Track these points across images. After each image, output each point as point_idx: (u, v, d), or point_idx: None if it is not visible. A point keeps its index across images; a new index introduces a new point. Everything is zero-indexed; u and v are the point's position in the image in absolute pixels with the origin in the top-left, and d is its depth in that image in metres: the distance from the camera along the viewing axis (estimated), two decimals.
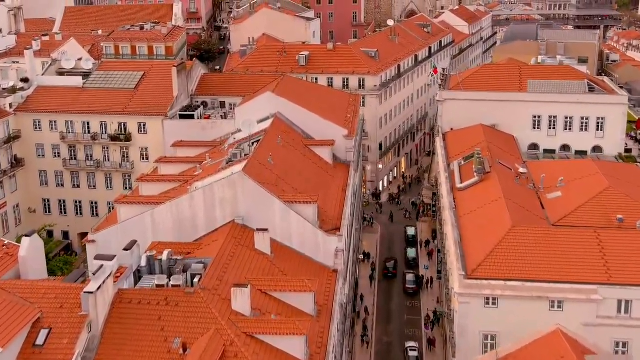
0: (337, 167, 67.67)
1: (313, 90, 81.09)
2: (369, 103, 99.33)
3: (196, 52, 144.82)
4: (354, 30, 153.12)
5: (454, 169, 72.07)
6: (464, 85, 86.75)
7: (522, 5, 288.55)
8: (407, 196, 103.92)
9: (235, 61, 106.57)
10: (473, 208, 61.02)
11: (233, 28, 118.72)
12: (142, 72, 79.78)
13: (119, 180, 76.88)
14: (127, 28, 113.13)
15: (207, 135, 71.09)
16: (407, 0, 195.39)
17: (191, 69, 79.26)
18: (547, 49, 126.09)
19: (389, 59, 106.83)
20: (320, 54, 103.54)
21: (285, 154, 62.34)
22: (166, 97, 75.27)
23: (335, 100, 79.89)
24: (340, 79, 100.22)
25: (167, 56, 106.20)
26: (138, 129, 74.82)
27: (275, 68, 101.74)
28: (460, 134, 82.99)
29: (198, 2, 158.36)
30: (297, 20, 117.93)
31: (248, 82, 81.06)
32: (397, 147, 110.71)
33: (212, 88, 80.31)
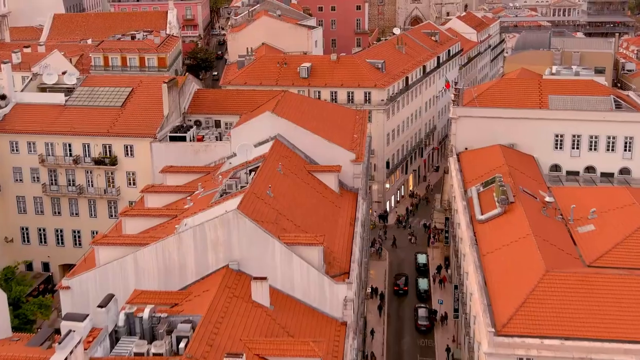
0: (344, 196, 61.09)
1: (316, 107, 74.44)
2: (376, 118, 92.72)
3: (192, 60, 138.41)
4: (357, 38, 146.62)
5: (472, 196, 65.43)
6: (479, 101, 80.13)
7: (527, 10, 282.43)
8: (416, 218, 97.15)
9: (233, 73, 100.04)
10: (497, 245, 54.31)
11: (230, 37, 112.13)
12: (130, 87, 73.15)
13: (104, 207, 70.17)
14: (117, 37, 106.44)
15: (199, 160, 64.50)
16: (411, 6, 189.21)
17: (183, 85, 72.59)
18: (562, 58, 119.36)
19: (396, 70, 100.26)
20: (323, 65, 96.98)
21: (286, 183, 55.74)
22: (155, 116, 68.64)
23: (341, 119, 73.28)
24: (344, 92, 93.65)
25: (160, 68, 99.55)
26: (124, 152, 68.15)
27: (275, 80, 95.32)
28: (476, 154, 76.41)
29: (194, 9, 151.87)
30: (298, 29, 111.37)
31: (246, 98, 74.49)
32: (404, 164, 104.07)
33: (206, 105, 73.65)
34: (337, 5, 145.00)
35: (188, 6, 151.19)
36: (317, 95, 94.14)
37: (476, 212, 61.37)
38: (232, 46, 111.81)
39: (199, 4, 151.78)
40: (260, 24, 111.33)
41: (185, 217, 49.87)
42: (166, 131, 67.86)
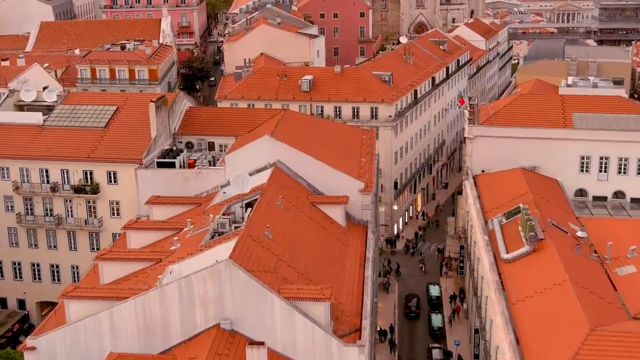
0: (352, 230, 54.48)
1: (320, 127, 67.79)
2: (383, 136, 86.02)
3: (188, 70, 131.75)
4: (361, 46, 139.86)
5: (493, 228, 58.74)
6: (497, 119, 73.47)
7: (532, 14, 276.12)
8: (426, 243, 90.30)
9: (229, 85, 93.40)
10: (528, 292, 47.56)
11: (227, 47, 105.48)
12: (114, 106, 66.46)
13: (85, 239, 63.39)
14: (106, 47, 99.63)
15: (190, 188, 57.86)
16: (415, 12, 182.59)
17: (174, 103, 65.92)
18: (578, 69, 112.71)
19: (404, 83, 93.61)
20: (326, 78, 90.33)
21: (287, 219, 49.12)
22: (142, 138, 61.96)
23: (347, 140, 66.69)
24: (349, 107, 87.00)
25: (151, 81, 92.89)
26: (107, 179, 61.45)
27: (274, 94, 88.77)
28: (495, 178, 69.81)
29: (190, 16, 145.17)
30: (299, 38, 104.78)
31: (242, 117, 67.88)
32: (413, 183, 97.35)
33: (198, 125, 66.95)
34: (339, 12, 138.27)
35: (183, 13, 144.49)
36: (320, 110, 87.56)
37: (500, 248, 54.65)
38: (229, 56, 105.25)
39: (195, 11, 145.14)
40: (259, 33, 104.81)
41: (170, 263, 43.30)
42: (154, 156, 61.19)
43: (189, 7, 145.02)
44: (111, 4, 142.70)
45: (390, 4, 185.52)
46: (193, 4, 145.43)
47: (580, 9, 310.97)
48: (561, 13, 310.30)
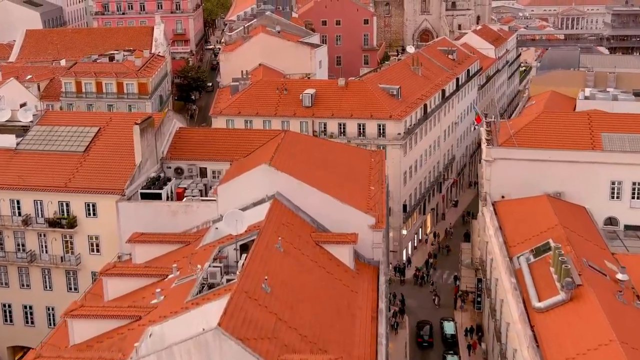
0: (361, 273, 47.85)
1: (324, 150, 61.14)
2: (391, 155, 79.41)
3: (182, 80, 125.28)
4: (365, 55, 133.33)
5: (520, 267, 52.11)
6: (519, 139, 66.85)
7: (538, 20, 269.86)
8: (437, 270, 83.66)
9: (225, 99, 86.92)
10: (569, 352, 40.85)
11: (223, 57, 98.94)
12: (96, 127, 59.88)
13: (61, 278, 56.69)
14: (93, 59, 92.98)
15: (178, 223, 51.22)
16: (420, 18, 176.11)
17: (162, 124, 59.30)
18: (596, 79, 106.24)
19: (413, 96, 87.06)
20: (329, 92, 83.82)
21: (287, 265, 42.49)
22: (125, 165, 55.37)
23: (354, 164, 60.09)
24: (354, 124, 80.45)
25: (141, 95, 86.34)
26: (85, 211, 54.80)
27: (273, 110, 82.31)
28: (517, 206, 63.20)
29: (186, 22, 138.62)
30: (300, 48, 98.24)
31: (238, 139, 61.25)
32: (422, 204, 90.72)
33: (189, 148, 60.27)
34: (342, 19, 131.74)
35: (178, 19, 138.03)
36: (323, 127, 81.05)
37: (530, 294, 47.96)
38: (225, 67, 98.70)
39: (190, 17, 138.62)
40: (257, 42, 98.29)
41: (151, 322, 36.76)
42: (138, 184, 54.57)
43: (184, 14, 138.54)
44: (103, 11, 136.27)
45: (393, 10, 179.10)
46: (188, 10, 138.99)
47: (584, 13, 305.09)
48: (565, 17, 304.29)
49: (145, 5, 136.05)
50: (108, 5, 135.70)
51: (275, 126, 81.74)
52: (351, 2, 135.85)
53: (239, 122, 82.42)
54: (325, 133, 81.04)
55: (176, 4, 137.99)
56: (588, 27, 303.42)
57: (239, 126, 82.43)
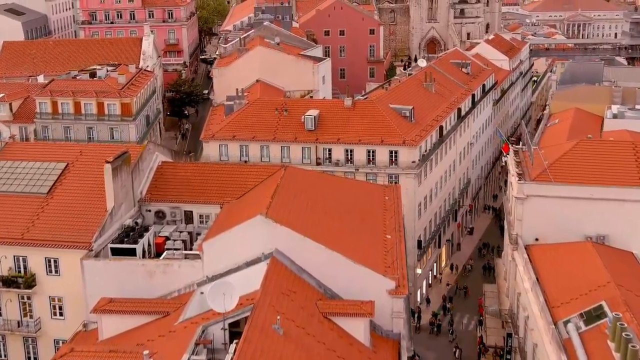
0: (379, 350, 39.11)
1: (330, 188, 52.25)
2: (405, 185, 70.34)
3: (174, 94, 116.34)
4: (371, 67, 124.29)
5: (569, 337, 43.11)
6: (554, 173, 57.85)
7: (547, 27, 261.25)
8: (455, 313, 74.66)
9: (218, 120, 78.20)
10: None
11: (217, 72, 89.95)
12: (64, 162, 50.96)
13: (18, 346, 47.51)
14: (72, 75, 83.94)
15: (156, 286, 42.41)
16: (426, 26, 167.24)
17: (140, 158, 50.39)
18: (623, 95, 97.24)
19: (427, 117, 78.22)
20: (334, 113, 74.97)
21: (288, 354, 33.55)
22: (95, 211, 46.54)
23: (366, 205, 51.30)
24: (362, 151, 71.60)
25: (124, 116, 77.50)
26: (46, 268, 45.86)
27: (272, 133, 73.55)
28: (556, 252, 54.28)
29: (179, 32, 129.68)
30: (302, 63, 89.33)
31: (230, 175, 52.39)
32: (437, 236, 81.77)
33: (173, 187, 51.33)
34: (346, 29, 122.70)
35: (171, 29, 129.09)
36: (328, 154, 72.25)
37: None
38: (220, 83, 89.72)
39: (183, 27, 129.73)
40: (255, 56, 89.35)
41: None
42: (110, 235, 45.65)
43: (178, 23, 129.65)
44: (90, 20, 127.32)
45: (399, 18, 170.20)
46: (182, 19, 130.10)
47: (591, 19, 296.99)
48: (571, 23, 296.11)
49: (136, 14, 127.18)
50: (95, 14, 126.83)
51: (274, 152, 73.08)
52: (356, 11, 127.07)
53: (234, 148, 73.71)
54: (330, 160, 72.22)
55: (168, 13, 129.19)
56: (594, 33, 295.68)
57: (233, 152, 73.81)
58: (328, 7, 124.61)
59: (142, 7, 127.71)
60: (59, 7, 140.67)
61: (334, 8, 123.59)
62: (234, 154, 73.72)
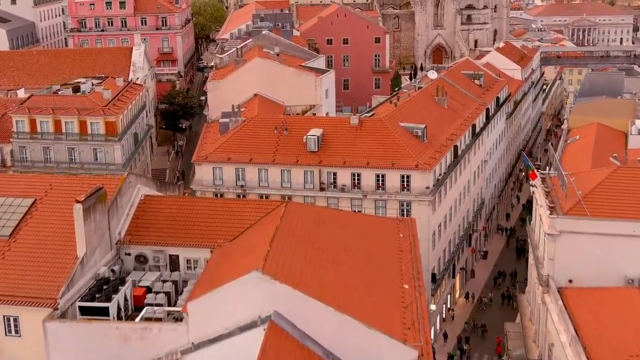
0: None
1: (337, 227, 45.39)
2: (418, 213, 63.95)
3: (167, 106, 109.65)
4: (376, 78, 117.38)
5: None
6: (590, 205, 51.10)
7: (553, 32, 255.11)
8: (475, 351, 67.96)
9: (212, 139, 71.74)
10: None
11: (212, 86, 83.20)
12: (31, 198, 44.15)
13: None
14: (54, 89, 77.16)
15: (133, 353, 35.68)
16: (432, 33, 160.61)
17: (119, 193, 43.62)
18: None
19: (440, 136, 71.58)
20: (339, 132, 68.32)
21: None
22: (64, 258, 39.77)
23: (378, 246, 44.48)
24: (371, 175, 64.92)
25: (108, 136, 70.83)
26: (5, 328, 38.96)
27: (271, 155, 67.03)
28: (595, 299, 47.62)
29: (173, 40, 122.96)
30: (304, 76, 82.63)
31: (221, 213, 45.46)
32: (451, 266, 75.02)
33: (157, 226, 44.48)
34: (350, 37, 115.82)
35: (165, 37, 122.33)
36: (332, 178, 65.61)
37: None
38: (215, 98, 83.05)
39: (178, 35, 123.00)
40: (253, 69, 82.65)
41: None
42: (80, 288, 38.90)
43: (172, 30, 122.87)
44: (79, 27, 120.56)
45: (403, 24, 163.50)
46: (176, 27, 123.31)
47: (596, 24, 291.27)
48: (576, 28, 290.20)
49: (127, 22, 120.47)
50: (85, 22, 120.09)
51: (273, 176, 66.49)
52: (360, 18, 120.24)
53: (229, 171, 67.18)
54: (335, 185, 65.56)
55: (162, 20, 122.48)
56: (600, 38, 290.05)
57: (228, 175, 67.28)
58: (331, 14, 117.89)
59: (135, 14, 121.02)
60: (48, 13, 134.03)
61: (337, 15, 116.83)
62: (229, 178, 67.18)
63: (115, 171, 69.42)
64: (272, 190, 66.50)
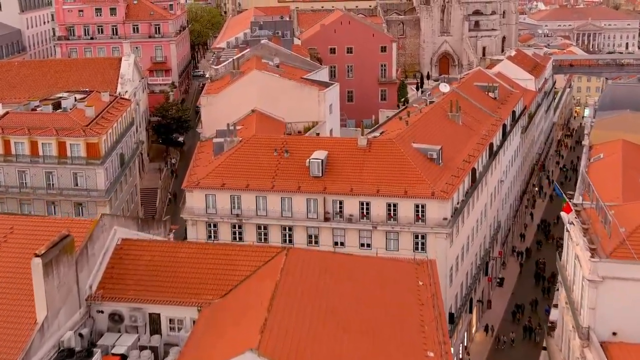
0: None
1: (346, 275, 38.70)
2: (434, 246, 57.46)
3: (160, 119, 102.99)
4: (382, 89, 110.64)
5: None
6: (636, 246, 44.36)
7: (560, 38, 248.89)
8: None
9: (206, 161, 65.05)
10: None
11: (205, 101, 76.49)
12: None
13: None
14: (32, 106, 70.41)
15: None
16: (439, 40, 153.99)
17: (90, 240, 36.91)
18: None
19: (457, 158, 64.87)
20: (346, 154, 61.66)
21: None
22: (22, 320, 33.10)
23: (395, 299, 37.96)
24: (382, 204, 58.21)
25: (89, 159, 64.12)
26: None
27: (270, 181, 60.39)
28: None
29: (167, 48, 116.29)
30: (306, 90, 75.98)
31: (211, 261, 38.70)
32: (469, 302, 68.27)
33: (136, 278, 37.79)
34: (355, 46, 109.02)
35: (158, 45, 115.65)
36: (339, 207, 58.95)
37: None
38: (208, 113, 76.47)
39: (172, 43, 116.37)
40: (250, 82, 76.06)
41: None
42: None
43: (165, 38, 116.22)
44: (67, 35, 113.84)
45: (408, 30, 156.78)
46: (170, 34, 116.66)
47: (601, 28, 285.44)
48: (581, 33, 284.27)
49: (118, 29, 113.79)
50: (74, 29, 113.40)
51: (273, 204, 59.88)
52: (365, 25, 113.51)
53: (223, 199, 60.56)
54: (342, 215, 58.88)
55: (155, 27, 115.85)
56: (605, 43, 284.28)
57: (222, 203, 60.67)
58: (334, 22, 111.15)
59: (126, 21, 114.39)
60: (35, 20, 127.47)
61: (341, 23, 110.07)
62: (224, 206, 60.55)
63: (97, 198, 63.01)
64: (271, 220, 59.93)
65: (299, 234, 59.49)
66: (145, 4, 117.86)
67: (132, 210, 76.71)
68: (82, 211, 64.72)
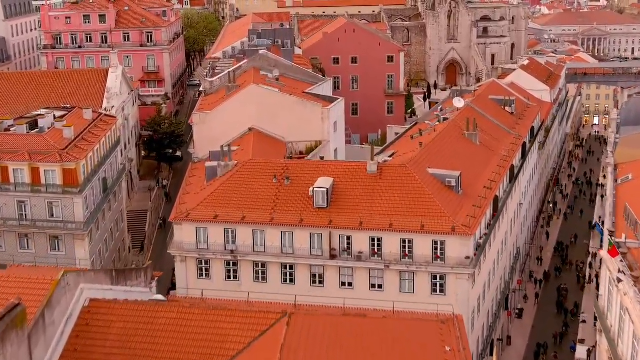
0: None
1: (358, 345, 31.92)
2: (455, 288, 50.70)
3: (152, 134, 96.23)
4: (389, 102, 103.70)
5: None
6: None
7: (567, 44, 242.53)
8: None
9: (197, 187, 58.36)
10: None
11: (198, 119, 69.64)
12: None
13: None
14: (5, 125, 63.53)
15: None
16: (446, 47, 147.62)
17: (48, 306, 30.14)
18: None
19: (477, 184, 58.15)
20: (354, 182, 54.92)
21: None
22: None
23: None
24: (395, 241, 51.37)
25: (66, 187, 57.30)
26: None
27: (269, 213, 53.76)
28: None
29: (159, 58, 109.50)
30: (309, 106, 69.15)
31: (199, 329, 31.91)
32: (490, 343, 61.45)
33: (103, 350, 31.04)
34: (360, 55, 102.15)
35: (150, 54, 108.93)
36: (346, 244, 52.09)
37: None
38: (201, 132, 69.58)
39: (165, 52, 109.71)
40: (247, 98, 69.23)
41: None
42: None
43: (158, 47, 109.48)
44: (53, 43, 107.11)
45: (414, 37, 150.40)
46: (163, 43, 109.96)
47: (607, 33, 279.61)
48: (586, 38, 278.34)
49: (108, 37, 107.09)
50: (60, 37, 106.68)
51: (272, 239, 53.19)
52: (371, 34, 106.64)
53: (216, 233, 53.79)
54: (350, 252, 52.08)
55: (147, 35, 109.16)
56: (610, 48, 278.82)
57: (215, 238, 53.96)
58: (337, 30, 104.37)
59: (116, 28, 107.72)
60: (21, 27, 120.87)
61: (345, 31, 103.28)
62: (217, 241, 53.80)
63: (75, 230, 56.22)
64: (270, 257, 53.22)
65: (302, 273, 52.78)
66: (137, 11, 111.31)
67: (117, 239, 69.87)
68: (58, 245, 58.03)
